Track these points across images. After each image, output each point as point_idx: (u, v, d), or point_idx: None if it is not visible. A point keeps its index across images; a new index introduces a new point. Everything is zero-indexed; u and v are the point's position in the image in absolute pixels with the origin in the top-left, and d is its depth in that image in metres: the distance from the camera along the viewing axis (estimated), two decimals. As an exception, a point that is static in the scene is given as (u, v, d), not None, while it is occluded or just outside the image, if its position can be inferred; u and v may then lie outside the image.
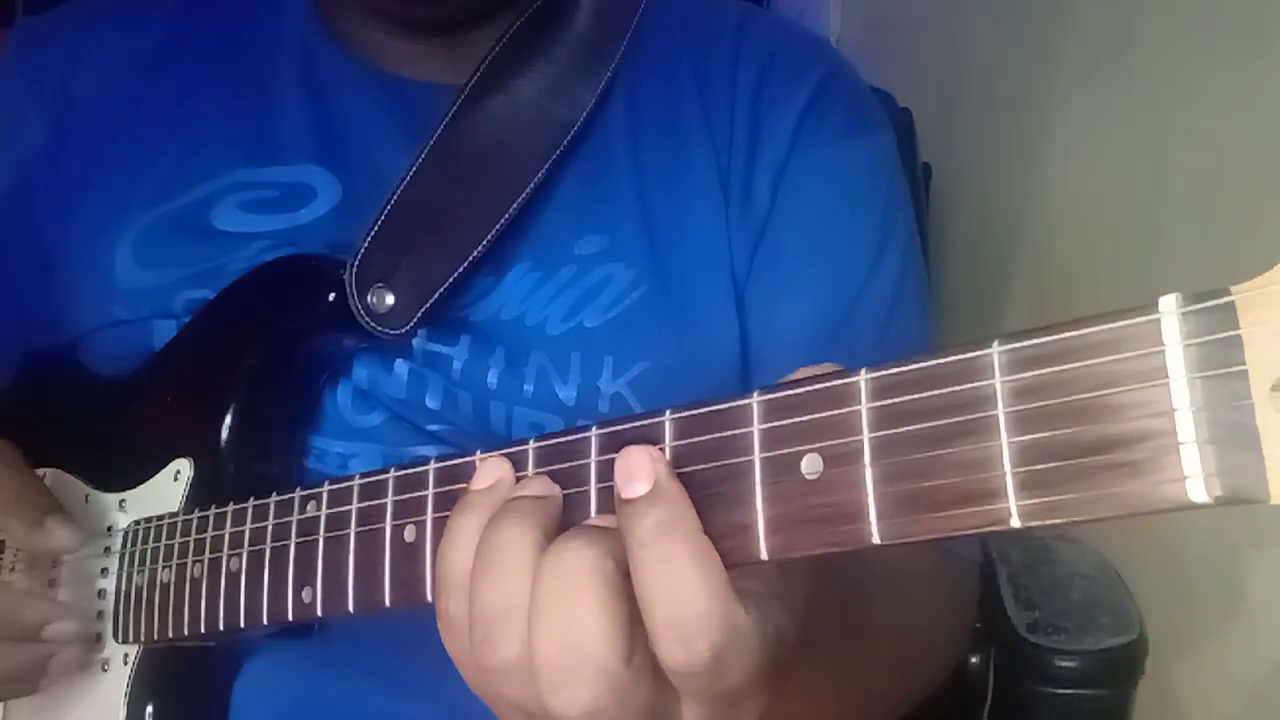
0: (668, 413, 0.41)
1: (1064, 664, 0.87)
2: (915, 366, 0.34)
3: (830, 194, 0.74)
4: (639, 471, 0.39)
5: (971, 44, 1.39)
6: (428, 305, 0.66)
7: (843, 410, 0.36)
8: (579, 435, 0.44)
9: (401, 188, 0.68)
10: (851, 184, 0.75)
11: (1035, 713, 0.88)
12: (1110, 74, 1.10)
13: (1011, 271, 1.25)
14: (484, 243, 0.67)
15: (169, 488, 0.67)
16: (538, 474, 0.44)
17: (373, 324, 0.65)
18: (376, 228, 0.66)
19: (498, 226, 0.68)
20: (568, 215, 0.71)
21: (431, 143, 0.69)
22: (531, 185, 0.69)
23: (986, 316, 1.29)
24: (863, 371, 0.36)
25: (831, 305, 0.72)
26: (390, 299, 0.65)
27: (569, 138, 0.71)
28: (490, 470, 0.45)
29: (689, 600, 0.37)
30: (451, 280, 0.66)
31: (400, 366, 0.69)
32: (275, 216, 0.72)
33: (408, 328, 0.66)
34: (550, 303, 0.70)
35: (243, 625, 0.58)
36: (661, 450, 0.41)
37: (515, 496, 0.43)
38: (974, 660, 0.91)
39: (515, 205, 0.68)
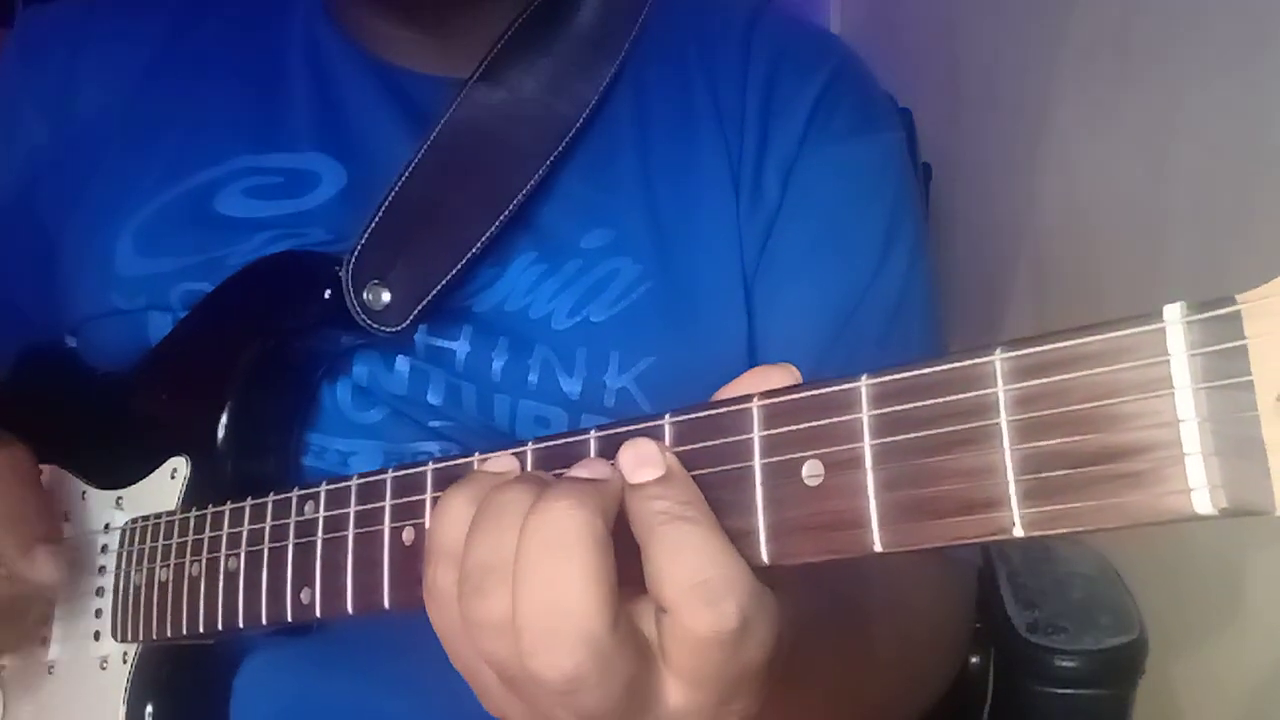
0: (667, 416, 0.41)
1: (1064, 664, 0.87)
2: (916, 373, 0.34)
3: (838, 189, 0.73)
4: (649, 458, 0.40)
5: (972, 44, 1.39)
6: (425, 303, 0.66)
7: (844, 417, 0.36)
8: (578, 438, 0.43)
9: (400, 183, 0.67)
10: (860, 180, 0.75)
11: (1035, 713, 0.88)
12: (1111, 74, 1.09)
13: (1012, 272, 1.25)
14: (483, 239, 0.67)
15: (166, 485, 0.67)
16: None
17: (369, 321, 0.65)
18: (373, 224, 0.66)
19: (498, 222, 0.68)
20: (573, 209, 0.71)
21: (432, 137, 0.69)
22: (534, 180, 0.69)
23: (987, 316, 1.29)
24: (863, 378, 0.36)
25: (837, 301, 0.72)
26: (386, 296, 0.65)
27: (573, 132, 0.70)
28: (500, 462, 0.45)
29: (716, 564, 0.37)
30: (449, 277, 0.66)
31: (401, 363, 0.68)
32: (280, 203, 0.72)
33: (404, 325, 0.65)
34: (555, 297, 0.69)
35: (241, 625, 0.58)
36: None
37: (520, 474, 0.43)
38: (974, 660, 0.91)
39: (516, 200, 0.68)
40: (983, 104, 1.36)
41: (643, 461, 0.39)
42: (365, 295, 0.65)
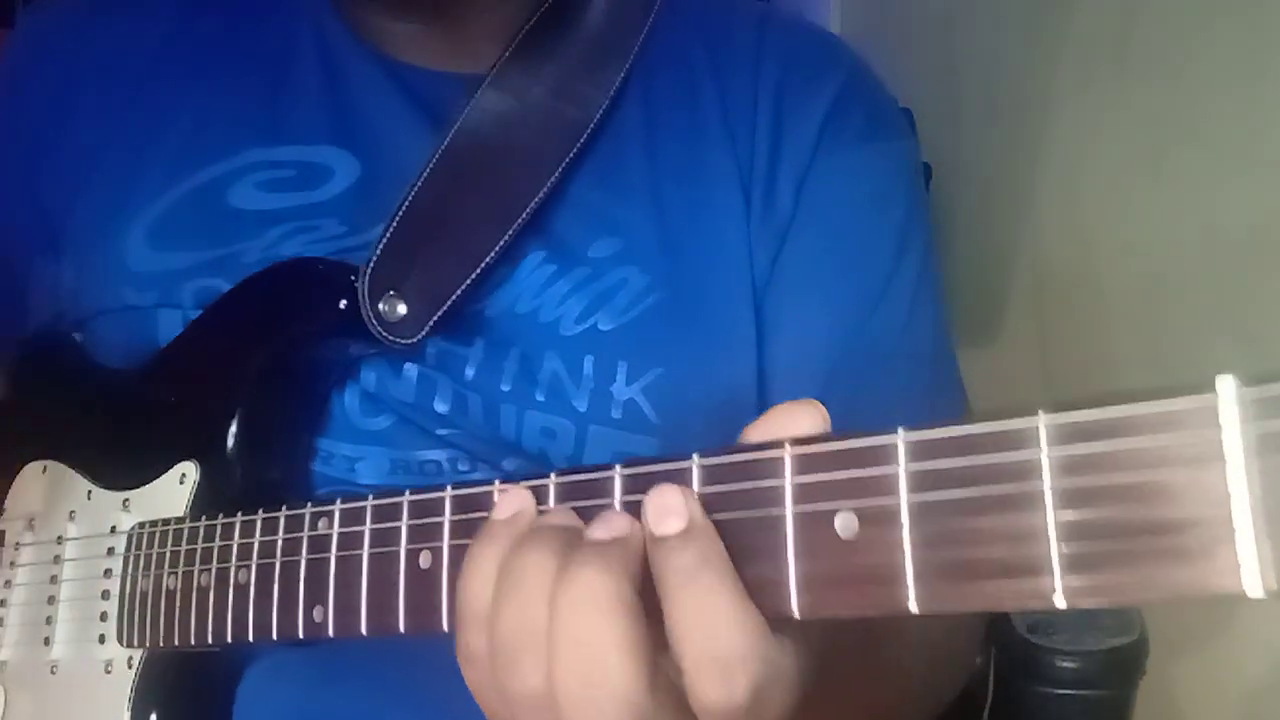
0: (695, 457, 0.41)
1: (1064, 664, 0.87)
2: (956, 432, 0.34)
3: (851, 198, 0.72)
4: (673, 508, 0.39)
5: (972, 45, 1.38)
6: (439, 314, 0.65)
7: (880, 470, 0.35)
8: (603, 474, 0.43)
9: (414, 191, 0.67)
10: (872, 188, 0.74)
11: (1035, 713, 0.88)
12: (1111, 75, 1.09)
13: (1012, 272, 1.25)
14: (497, 248, 0.66)
15: (174, 490, 0.66)
16: (560, 507, 0.44)
17: (384, 333, 0.64)
18: (389, 234, 0.65)
19: (511, 230, 0.67)
20: (583, 216, 0.70)
21: (444, 146, 0.68)
22: (545, 188, 0.68)
23: (987, 318, 1.29)
24: (900, 431, 0.35)
25: (849, 311, 0.71)
26: (402, 308, 0.64)
27: (582, 139, 0.69)
28: (512, 500, 0.44)
29: (729, 636, 0.37)
30: (463, 288, 0.65)
31: (410, 370, 0.68)
32: (293, 195, 0.71)
33: (419, 337, 0.65)
34: (564, 301, 0.68)
35: (251, 639, 0.57)
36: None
37: (538, 525, 0.43)
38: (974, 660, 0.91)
39: (529, 209, 0.67)
40: (983, 104, 1.35)
41: (666, 512, 0.39)
42: (381, 307, 0.64)
